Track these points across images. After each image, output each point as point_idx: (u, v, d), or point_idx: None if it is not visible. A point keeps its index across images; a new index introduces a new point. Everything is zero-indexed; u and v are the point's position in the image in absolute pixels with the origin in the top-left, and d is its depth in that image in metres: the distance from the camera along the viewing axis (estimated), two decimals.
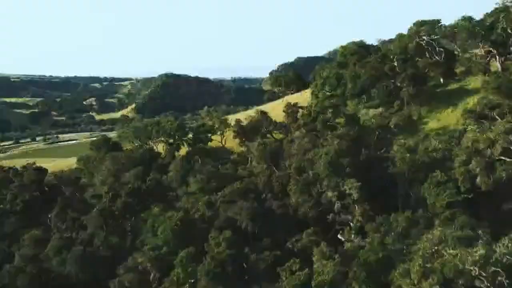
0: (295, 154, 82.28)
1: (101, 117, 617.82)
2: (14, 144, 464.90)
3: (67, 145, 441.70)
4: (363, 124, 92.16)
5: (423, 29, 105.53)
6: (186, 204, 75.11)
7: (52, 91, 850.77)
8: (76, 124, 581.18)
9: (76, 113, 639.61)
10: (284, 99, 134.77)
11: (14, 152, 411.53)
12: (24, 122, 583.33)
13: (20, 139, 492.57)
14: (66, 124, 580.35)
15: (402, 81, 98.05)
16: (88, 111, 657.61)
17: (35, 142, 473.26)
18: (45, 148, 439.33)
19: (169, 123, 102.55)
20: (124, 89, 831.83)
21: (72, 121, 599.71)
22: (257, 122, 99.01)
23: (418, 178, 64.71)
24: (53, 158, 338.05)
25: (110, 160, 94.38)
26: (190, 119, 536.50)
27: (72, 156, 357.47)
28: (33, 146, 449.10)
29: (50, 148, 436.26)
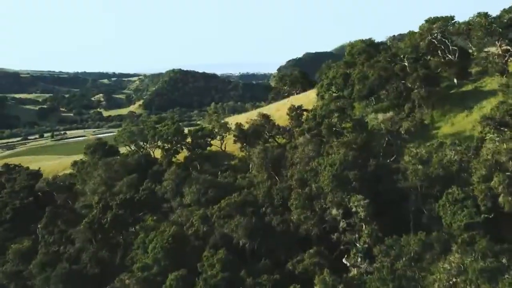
0: (298, 162, 76.52)
1: (108, 113, 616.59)
2: (22, 140, 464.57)
3: (74, 142, 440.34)
4: (371, 129, 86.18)
5: (435, 26, 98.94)
6: (180, 217, 69.67)
7: (61, 87, 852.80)
8: (84, 120, 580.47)
9: (84, 109, 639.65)
10: (289, 100, 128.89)
11: (21, 149, 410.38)
12: (33, 118, 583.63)
13: (28, 135, 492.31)
14: (74, 120, 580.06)
15: (413, 82, 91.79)
16: (96, 107, 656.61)
17: (43, 138, 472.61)
18: (52, 144, 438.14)
19: (165, 127, 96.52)
20: (132, 85, 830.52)
21: (80, 117, 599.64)
22: (259, 126, 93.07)
23: (432, 194, 58.46)
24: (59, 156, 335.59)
25: (102, 167, 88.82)
26: (197, 115, 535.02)
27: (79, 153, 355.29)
28: (41, 142, 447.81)
29: (57, 144, 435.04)
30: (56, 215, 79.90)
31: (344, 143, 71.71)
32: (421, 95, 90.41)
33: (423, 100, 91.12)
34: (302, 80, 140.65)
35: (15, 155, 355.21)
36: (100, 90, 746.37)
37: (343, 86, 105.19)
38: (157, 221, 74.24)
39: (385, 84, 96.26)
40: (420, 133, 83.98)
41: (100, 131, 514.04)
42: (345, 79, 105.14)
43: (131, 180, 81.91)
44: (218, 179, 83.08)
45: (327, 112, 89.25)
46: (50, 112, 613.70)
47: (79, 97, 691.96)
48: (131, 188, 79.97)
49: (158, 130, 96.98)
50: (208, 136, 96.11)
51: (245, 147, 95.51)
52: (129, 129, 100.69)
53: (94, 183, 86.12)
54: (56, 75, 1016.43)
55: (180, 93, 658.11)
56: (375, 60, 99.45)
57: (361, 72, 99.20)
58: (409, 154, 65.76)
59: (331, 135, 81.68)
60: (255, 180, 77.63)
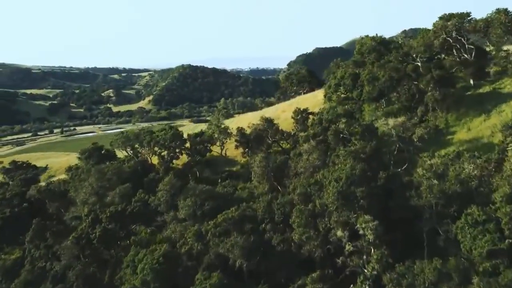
0: (302, 172, 70.87)
1: (118, 108, 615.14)
2: (32, 136, 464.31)
3: (83, 138, 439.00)
4: (381, 134, 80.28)
5: (450, 24, 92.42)
6: (174, 233, 64.34)
7: (72, 82, 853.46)
8: (94, 116, 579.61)
9: (94, 105, 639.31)
10: (296, 100, 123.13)
11: (31, 145, 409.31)
12: (43, 114, 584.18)
13: (38, 131, 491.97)
14: (84, 116, 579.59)
15: (427, 84, 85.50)
16: (106, 103, 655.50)
17: (53, 134, 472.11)
18: (62, 140, 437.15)
19: (163, 132, 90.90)
20: (142, 80, 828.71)
21: (89, 113, 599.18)
22: (262, 131, 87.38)
23: (449, 213, 52.32)
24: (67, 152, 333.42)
25: (95, 175, 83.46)
26: (207, 111, 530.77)
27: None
28: (51, 138, 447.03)
29: (66, 141, 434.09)
30: (44, 227, 74.80)
31: (352, 152, 65.78)
32: (435, 98, 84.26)
33: (437, 103, 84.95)
34: (309, 79, 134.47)
35: (24, 152, 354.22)
36: (110, 85, 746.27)
37: (352, 87, 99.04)
38: (151, 234, 69.09)
39: (396, 85, 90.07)
40: (433, 139, 77.93)
41: (109, 127, 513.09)
42: (354, 80, 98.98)
43: (124, 190, 76.38)
44: (217, 188, 77.65)
45: (334, 116, 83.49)
46: (60, 107, 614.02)
47: (89, 93, 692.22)
48: (124, 199, 74.50)
49: (155, 135, 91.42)
50: (208, 142, 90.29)
51: (247, 152, 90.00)
52: (125, 135, 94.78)
53: (85, 193, 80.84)
54: (67, 70, 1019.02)
55: (190, 88, 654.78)
56: (386, 60, 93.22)
57: (371, 72, 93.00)
58: (423, 166, 59.76)
59: (338, 142, 75.87)
60: (255, 191, 72.10)
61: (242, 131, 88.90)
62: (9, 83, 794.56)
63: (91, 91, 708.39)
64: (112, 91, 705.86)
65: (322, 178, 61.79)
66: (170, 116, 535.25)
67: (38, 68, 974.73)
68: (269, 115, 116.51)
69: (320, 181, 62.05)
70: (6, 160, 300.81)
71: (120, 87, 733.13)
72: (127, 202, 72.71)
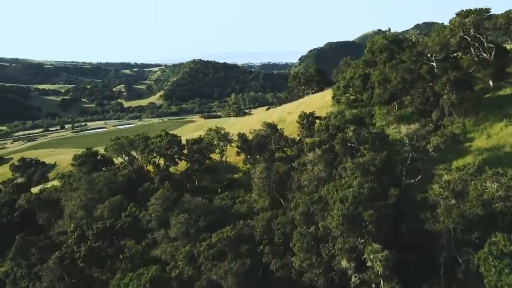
0: (305, 185, 64.91)
1: (129, 104, 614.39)
2: (43, 132, 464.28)
3: (94, 134, 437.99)
4: (392, 140, 74.12)
5: (468, 21, 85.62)
6: (164, 254, 58.84)
7: (84, 78, 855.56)
8: (105, 111, 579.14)
9: (105, 100, 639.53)
10: (303, 100, 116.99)
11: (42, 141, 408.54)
12: (55, 109, 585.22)
13: (50, 126, 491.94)
14: (95, 112, 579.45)
15: (443, 87, 78.97)
16: (117, 98, 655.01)
17: (64, 130, 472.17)
18: (72, 136, 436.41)
19: (158, 139, 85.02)
20: (153, 75, 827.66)
21: (100, 108, 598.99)
22: (264, 138, 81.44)
23: (470, 240, 45.93)
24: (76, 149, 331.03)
25: (85, 185, 77.87)
26: (217, 106, 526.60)
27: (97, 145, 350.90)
28: (61, 134, 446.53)
29: (77, 136, 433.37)
30: (28, 243, 69.57)
31: (360, 165, 59.65)
32: (452, 102, 77.75)
33: (453, 108, 78.42)
34: (318, 78, 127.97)
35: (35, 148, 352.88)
36: (122, 80, 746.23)
37: (362, 88, 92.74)
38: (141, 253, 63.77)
39: (409, 88, 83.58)
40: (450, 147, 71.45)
41: (120, 122, 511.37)
42: (363, 81, 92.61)
43: (114, 203, 70.59)
44: (215, 200, 72.06)
45: (341, 122, 77.27)
46: (72, 103, 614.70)
47: (101, 88, 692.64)
48: (114, 213, 68.85)
49: (150, 142, 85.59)
50: (207, 149, 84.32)
51: (249, 159, 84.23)
52: (119, 141, 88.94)
53: (74, 205, 75.26)
54: (79, 65, 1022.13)
55: (201, 83, 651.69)
56: (398, 60, 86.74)
57: (382, 73, 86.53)
58: (439, 182, 53.40)
59: (345, 152, 69.80)
60: (255, 205, 66.32)
61: (243, 136, 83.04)
62: (22, 78, 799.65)
63: (103, 86, 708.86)
64: (123, 86, 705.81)
65: (327, 194, 55.78)
66: (181, 111, 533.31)
67: (51, 63, 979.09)
68: (275, 117, 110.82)
69: (325, 198, 56.09)
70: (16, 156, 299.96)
71: (131, 82, 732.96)
72: (118, 216, 67.24)
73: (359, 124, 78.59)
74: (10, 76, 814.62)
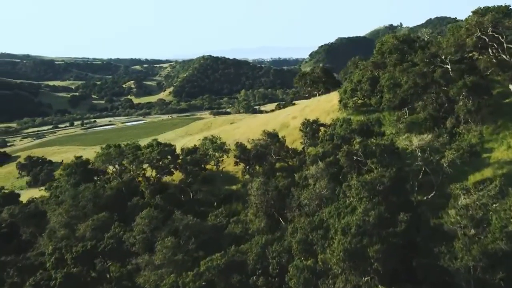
0: (306, 204, 59.01)
1: (139, 100, 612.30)
2: (52, 129, 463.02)
3: (103, 131, 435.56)
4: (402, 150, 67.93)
5: (486, 20, 78.94)
6: (147, 283, 53.23)
7: (94, 74, 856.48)
8: (114, 108, 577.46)
9: (115, 97, 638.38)
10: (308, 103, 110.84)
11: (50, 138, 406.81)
12: (65, 106, 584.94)
13: (59, 123, 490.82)
14: (104, 108, 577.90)
15: (458, 92, 72.61)
16: (127, 95, 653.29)
17: (73, 127, 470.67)
18: (81, 133, 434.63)
19: (149, 149, 78.99)
20: (163, 71, 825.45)
21: (110, 104, 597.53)
22: (264, 148, 75.58)
23: (493, 282, 39.52)
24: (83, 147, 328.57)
25: (68, 201, 72.02)
26: (227, 103, 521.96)
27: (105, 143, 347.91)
28: (70, 131, 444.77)
29: (86, 133, 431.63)
30: (5, 264, 64.01)
31: (366, 183, 53.57)
32: (468, 109, 71.39)
33: (470, 115, 72.04)
34: (325, 79, 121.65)
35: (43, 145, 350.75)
36: (132, 77, 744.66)
37: (370, 92, 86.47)
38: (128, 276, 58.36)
39: (421, 93, 77.29)
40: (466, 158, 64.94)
41: (130, 119, 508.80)
42: (372, 84, 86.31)
43: (98, 222, 64.67)
44: (208, 217, 66.41)
45: (347, 132, 71.14)
46: (81, 99, 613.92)
47: (110, 84, 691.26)
48: (98, 232, 63.16)
49: (140, 153, 79.75)
50: (201, 161, 78.30)
51: (247, 170, 78.46)
52: (107, 151, 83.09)
53: (56, 222, 69.43)
54: (89, 61, 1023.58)
55: (211, 79, 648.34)
56: (409, 63, 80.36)
57: (392, 77, 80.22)
58: (456, 207, 47.18)
59: (351, 165, 63.69)
60: (250, 226, 60.52)
61: (242, 146, 77.18)
62: (32, 75, 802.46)
63: (113, 82, 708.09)
64: (133, 82, 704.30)
65: (328, 218, 49.87)
66: (190, 108, 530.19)
67: (61, 60, 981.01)
68: (279, 121, 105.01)
69: (326, 222, 50.21)
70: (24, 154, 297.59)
71: (141, 79, 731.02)
72: (101, 236, 61.56)
73: (366, 133, 72.49)
74: (21, 73, 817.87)
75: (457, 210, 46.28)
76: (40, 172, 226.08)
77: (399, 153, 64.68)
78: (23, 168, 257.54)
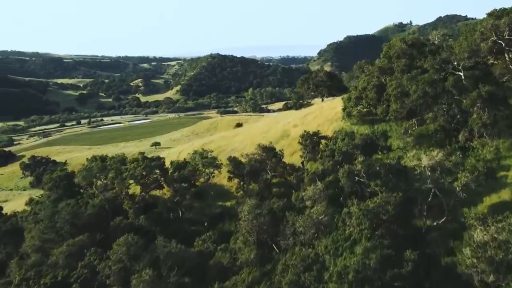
0: (301, 232, 52.80)
1: (146, 98, 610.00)
2: (59, 127, 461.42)
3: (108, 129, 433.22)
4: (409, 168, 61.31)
5: (503, 22, 72.20)
6: None
7: (103, 72, 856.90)
8: (121, 106, 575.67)
9: (122, 95, 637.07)
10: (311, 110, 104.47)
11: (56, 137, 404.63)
12: (72, 104, 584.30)
13: (66, 121, 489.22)
14: (112, 106, 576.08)
15: (472, 103, 65.91)
16: (134, 93, 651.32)
17: (80, 125, 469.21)
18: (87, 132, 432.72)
19: (133, 164, 72.33)
20: (171, 69, 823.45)
21: (117, 103, 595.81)
22: (259, 163, 69.37)
23: None
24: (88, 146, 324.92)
25: (44, 221, 65.65)
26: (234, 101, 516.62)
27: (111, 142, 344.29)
28: (77, 130, 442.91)
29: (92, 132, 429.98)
30: None
31: (369, 211, 47.32)
32: (483, 122, 64.67)
33: (485, 128, 65.32)
34: (329, 83, 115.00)
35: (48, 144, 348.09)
36: (139, 75, 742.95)
37: (376, 101, 79.92)
38: None
39: (431, 103, 70.64)
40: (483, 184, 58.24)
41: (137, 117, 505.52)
42: (378, 92, 79.72)
43: (73, 247, 58.32)
44: (195, 243, 60.37)
45: (350, 147, 64.73)
46: (89, 97, 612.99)
47: (118, 82, 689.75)
48: (72, 260, 57.06)
49: (124, 168, 73.34)
50: (191, 176, 71.72)
51: (242, 186, 72.31)
52: (89, 166, 77.12)
53: (28, 246, 63.16)
54: (98, 59, 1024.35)
55: (218, 78, 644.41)
56: (418, 71, 73.70)
57: (400, 85, 73.61)
58: (471, 244, 40.73)
59: (352, 187, 57.33)
60: (238, 256, 54.39)
61: (235, 160, 70.93)
62: (41, 73, 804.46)
63: (120, 80, 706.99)
64: (141, 80, 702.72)
65: (324, 254, 43.75)
66: (197, 106, 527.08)
67: (70, 57, 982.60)
68: (278, 129, 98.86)
69: (322, 257, 44.08)
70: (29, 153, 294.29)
71: (149, 77, 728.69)
72: (76, 264, 55.57)
73: (371, 147, 66.13)
74: (30, 71, 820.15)
75: (473, 248, 39.81)
76: (43, 172, 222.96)
77: (407, 173, 58.18)
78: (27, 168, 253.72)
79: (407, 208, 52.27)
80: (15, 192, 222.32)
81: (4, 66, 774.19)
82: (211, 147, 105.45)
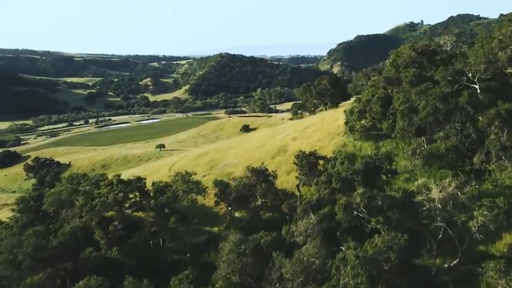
0: (289, 278, 45.20)
1: (155, 98, 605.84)
2: (67, 126, 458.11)
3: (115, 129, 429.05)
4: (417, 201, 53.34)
5: None
6: None
7: (112, 70, 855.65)
8: (130, 105, 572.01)
9: (131, 94, 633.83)
10: (311, 122, 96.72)
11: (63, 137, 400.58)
12: (81, 103, 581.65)
13: (74, 121, 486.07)
14: (120, 106, 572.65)
15: (489, 123, 57.87)
16: (143, 92, 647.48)
17: (87, 125, 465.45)
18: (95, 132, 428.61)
19: (107, 189, 63.94)
20: (180, 68, 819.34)
21: (126, 102, 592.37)
22: (248, 188, 61.84)
23: None
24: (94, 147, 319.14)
25: (4, 254, 58.09)
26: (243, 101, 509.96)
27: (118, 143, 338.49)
28: (84, 129, 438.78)
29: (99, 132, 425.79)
30: None
31: (367, 259, 39.63)
32: (502, 144, 56.66)
33: (504, 152, 57.29)
34: (333, 91, 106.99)
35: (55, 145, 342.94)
36: (148, 74, 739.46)
37: (381, 115, 71.97)
38: None
39: (443, 121, 62.58)
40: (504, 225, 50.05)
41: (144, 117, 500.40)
42: (384, 105, 71.70)
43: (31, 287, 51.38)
44: (171, 282, 53.19)
45: (349, 173, 56.89)
46: (98, 97, 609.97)
47: (127, 81, 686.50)
48: None
49: (96, 194, 65.11)
50: (171, 204, 63.53)
51: (229, 212, 64.86)
52: (58, 189, 69.63)
53: None
54: (108, 58, 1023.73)
55: (227, 77, 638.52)
56: (428, 84, 65.58)
57: (408, 100, 65.58)
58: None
59: (350, 222, 49.60)
60: None
61: (222, 184, 63.34)
62: (51, 71, 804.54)
63: (129, 79, 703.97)
64: (150, 79, 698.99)
65: None
66: (206, 106, 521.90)
67: (81, 56, 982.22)
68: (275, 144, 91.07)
69: None
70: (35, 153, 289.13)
71: (158, 76, 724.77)
72: None
73: (374, 171, 58.33)
74: (40, 69, 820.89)
75: None
76: (47, 174, 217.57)
77: (413, 206, 50.27)
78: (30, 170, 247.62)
79: (413, 249, 44.60)
80: (17, 195, 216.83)
81: (15, 65, 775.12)
82: (204, 161, 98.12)
